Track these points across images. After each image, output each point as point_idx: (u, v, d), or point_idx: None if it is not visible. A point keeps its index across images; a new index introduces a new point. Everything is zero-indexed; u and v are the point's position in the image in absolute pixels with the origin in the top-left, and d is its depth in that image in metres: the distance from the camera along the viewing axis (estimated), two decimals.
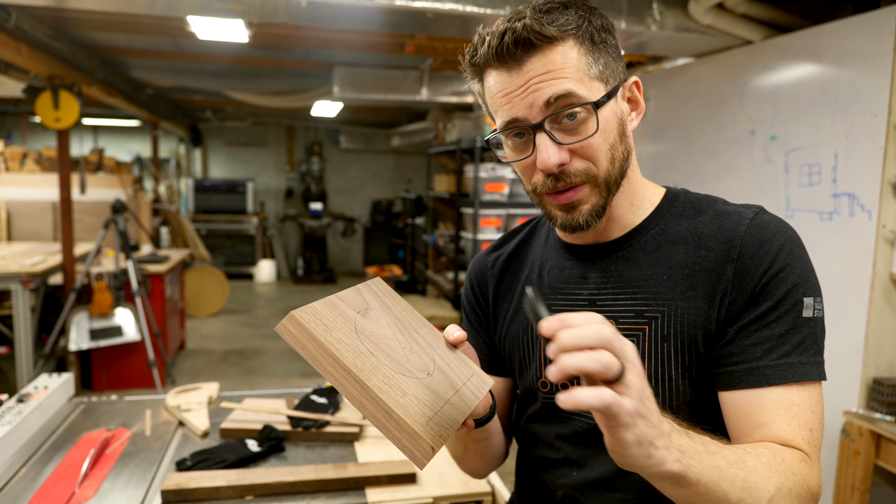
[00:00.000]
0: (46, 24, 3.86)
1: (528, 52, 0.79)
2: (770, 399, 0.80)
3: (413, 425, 0.67)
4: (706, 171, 3.06)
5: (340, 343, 0.71)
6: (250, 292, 8.86)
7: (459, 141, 4.86)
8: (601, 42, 0.82)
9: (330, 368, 0.70)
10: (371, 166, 10.84)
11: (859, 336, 2.25)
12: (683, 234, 0.88)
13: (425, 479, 1.47)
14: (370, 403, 0.68)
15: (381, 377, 0.70)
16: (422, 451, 0.67)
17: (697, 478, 0.66)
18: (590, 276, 0.92)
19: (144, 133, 9.56)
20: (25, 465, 1.50)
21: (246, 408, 1.80)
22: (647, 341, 0.86)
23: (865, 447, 2.18)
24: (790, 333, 0.81)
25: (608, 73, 0.83)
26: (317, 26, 3.54)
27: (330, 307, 0.76)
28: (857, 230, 2.27)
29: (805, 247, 0.85)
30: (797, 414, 0.79)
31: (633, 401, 0.59)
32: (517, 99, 0.81)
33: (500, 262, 1.06)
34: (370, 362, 0.71)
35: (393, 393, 0.69)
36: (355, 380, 0.69)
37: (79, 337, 4.31)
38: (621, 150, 0.85)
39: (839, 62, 2.35)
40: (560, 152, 0.81)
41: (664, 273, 0.86)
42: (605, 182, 0.84)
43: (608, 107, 0.82)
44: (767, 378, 0.80)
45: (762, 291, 0.81)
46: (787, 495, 0.73)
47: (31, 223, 6.02)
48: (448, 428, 0.71)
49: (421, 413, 0.69)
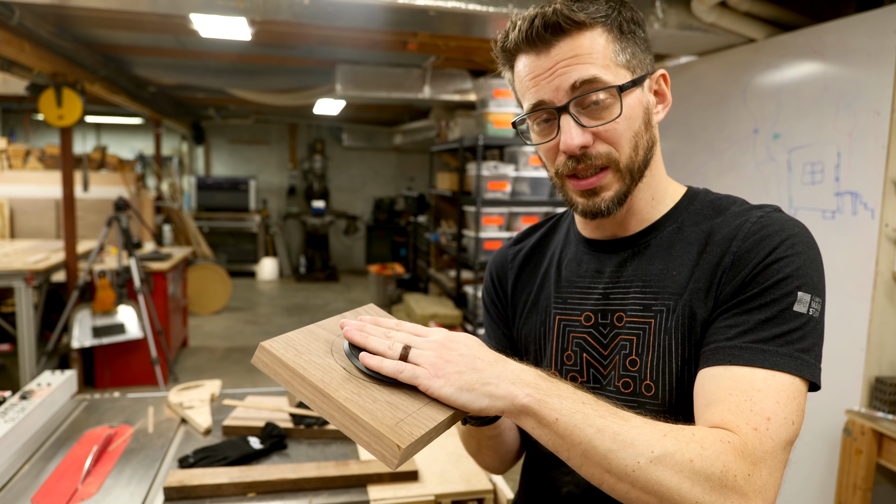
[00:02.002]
0: (50, 22, 3.86)
1: (556, 36, 0.81)
2: (728, 378, 0.75)
3: (378, 427, 0.69)
4: (709, 169, 3.06)
5: (310, 364, 0.75)
6: (253, 290, 8.88)
7: (462, 139, 4.86)
8: (629, 32, 0.84)
9: (300, 388, 0.74)
10: (373, 164, 10.84)
11: (861, 335, 2.25)
12: (698, 234, 0.88)
13: (427, 476, 1.48)
14: (338, 414, 0.72)
15: (349, 389, 0.74)
16: (389, 450, 0.68)
17: (555, 416, 0.69)
18: (605, 271, 0.93)
19: (147, 131, 9.57)
20: (29, 461, 1.50)
21: (248, 405, 1.80)
22: (652, 334, 0.86)
23: (867, 446, 2.18)
24: (772, 322, 0.76)
25: (635, 62, 0.84)
26: (319, 24, 3.54)
27: (305, 334, 0.81)
28: (859, 229, 2.27)
29: (815, 246, 0.82)
30: (753, 399, 0.72)
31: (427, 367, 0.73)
32: (544, 82, 0.83)
33: (520, 255, 1.08)
34: (339, 376, 0.75)
35: (360, 401, 0.72)
36: (322, 394, 0.72)
37: (81, 334, 4.32)
38: (646, 139, 0.86)
39: (842, 60, 2.34)
40: (584, 134, 0.82)
41: (674, 269, 0.87)
42: (627, 168, 0.85)
43: (633, 94, 0.84)
44: (733, 357, 0.76)
45: (752, 280, 0.79)
46: (679, 464, 0.66)
47: (34, 220, 6.04)
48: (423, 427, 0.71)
49: (391, 416, 0.71)
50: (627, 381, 0.88)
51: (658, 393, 0.85)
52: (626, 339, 0.88)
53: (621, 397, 0.88)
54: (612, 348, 0.90)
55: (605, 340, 0.91)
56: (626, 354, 0.88)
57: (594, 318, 0.92)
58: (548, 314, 0.98)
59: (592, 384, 0.92)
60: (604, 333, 0.91)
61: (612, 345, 0.90)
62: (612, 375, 0.89)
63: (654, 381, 0.85)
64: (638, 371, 0.87)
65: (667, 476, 0.67)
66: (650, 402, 0.86)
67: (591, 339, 0.92)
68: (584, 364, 0.93)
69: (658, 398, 0.85)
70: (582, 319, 0.93)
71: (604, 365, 0.91)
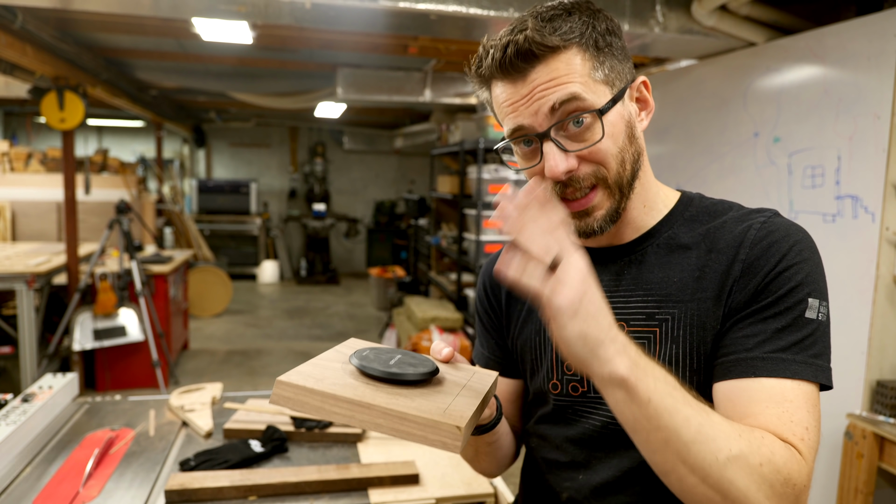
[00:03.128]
0: (52, 26, 3.87)
1: (531, 63, 0.80)
2: (759, 391, 0.76)
3: (432, 416, 0.70)
4: (709, 173, 3.06)
5: (335, 385, 0.75)
6: (253, 293, 8.88)
7: (463, 142, 4.87)
8: (606, 46, 0.82)
9: (335, 409, 0.73)
10: (374, 167, 10.85)
11: (862, 338, 2.25)
12: (696, 239, 0.87)
13: (428, 479, 1.48)
14: (384, 419, 0.71)
15: (383, 397, 0.74)
16: (449, 435, 0.69)
17: (648, 395, 0.66)
18: (602, 279, 0.92)
19: (148, 134, 9.58)
20: (30, 464, 1.50)
21: (249, 408, 1.80)
22: (658, 343, 0.85)
23: (869, 450, 2.18)
24: (788, 331, 0.78)
25: (613, 76, 0.83)
26: (321, 28, 3.54)
27: (313, 366, 0.80)
28: (860, 232, 2.27)
29: (818, 251, 0.83)
30: (789, 410, 0.74)
31: (563, 298, 0.62)
32: (522, 108, 0.81)
33: None
34: (369, 390, 0.75)
35: (400, 403, 0.72)
36: (361, 406, 0.72)
37: (83, 337, 4.33)
38: (631, 152, 0.85)
39: (842, 64, 2.35)
40: (568, 159, 0.81)
41: (675, 276, 0.86)
42: (616, 185, 0.84)
43: (615, 110, 0.82)
44: (756, 369, 0.77)
45: (765, 289, 0.79)
46: (751, 467, 0.67)
47: (35, 223, 6.04)
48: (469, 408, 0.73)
49: (434, 407, 0.72)
50: None
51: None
52: None
53: None
54: None
55: None
56: None
57: None
58: (543, 324, 0.97)
59: (594, 394, 0.92)
60: None
61: None
62: None
63: None
64: None
65: (738, 476, 0.67)
66: None
67: None
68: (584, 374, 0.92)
69: None
70: None
71: None
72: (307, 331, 6.83)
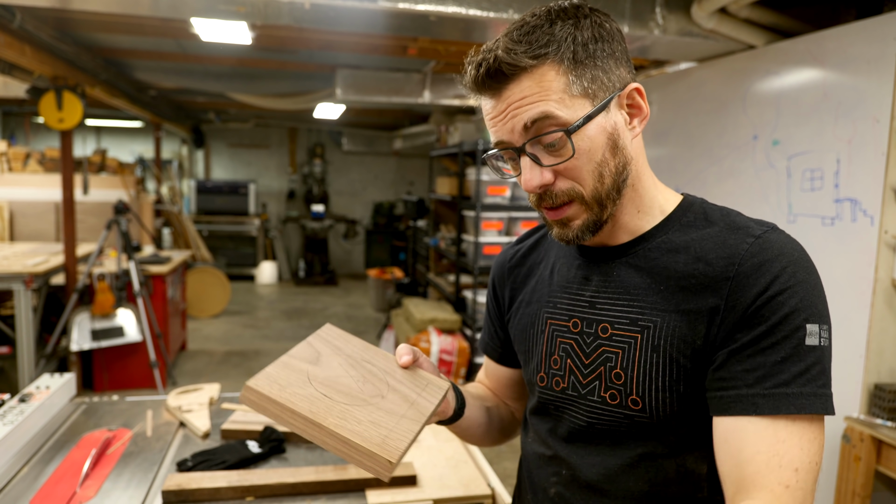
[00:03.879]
0: (51, 25, 3.87)
1: (502, 82, 0.80)
2: (754, 433, 0.75)
3: (369, 447, 0.77)
4: (708, 176, 3.06)
5: (295, 396, 0.81)
6: (252, 294, 8.87)
7: (461, 144, 4.87)
8: (587, 57, 0.80)
9: (291, 420, 0.79)
10: (373, 168, 10.85)
11: (861, 341, 2.25)
12: (687, 245, 0.86)
13: (426, 481, 1.47)
14: (331, 439, 0.78)
15: (336, 414, 0.80)
16: (382, 466, 0.76)
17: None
18: (592, 278, 0.92)
19: (147, 134, 9.58)
20: (27, 464, 1.50)
21: (247, 409, 1.80)
22: (639, 349, 0.85)
23: (866, 453, 2.18)
24: (789, 362, 0.76)
25: (595, 87, 0.81)
26: (320, 29, 3.55)
27: (282, 367, 0.86)
28: (859, 235, 2.27)
29: (815, 271, 0.80)
30: (780, 452, 0.74)
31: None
32: (500, 124, 0.83)
33: (518, 256, 1.09)
34: (324, 404, 0.81)
35: (348, 425, 0.79)
36: (313, 423, 0.78)
37: (80, 337, 4.32)
38: (613, 165, 0.83)
39: (842, 67, 2.35)
40: (543, 174, 0.82)
41: (662, 283, 0.85)
42: (593, 199, 0.84)
43: (593, 124, 0.81)
44: (757, 407, 0.75)
45: (756, 314, 0.77)
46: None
47: (33, 223, 6.03)
48: (405, 439, 0.80)
49: (376, 434, 0.79)
50: (614, 392, 0.87)
51: (646, 408, 0.85)
52: (612, 351, 0.87)
53: (608, 408, 0.88)
54: (595, 358, 0.89)
55: (588, 349, 0.90)
56: (611, 367, 0.87)
57: (581, 325, 0.92)
58: (538, 316, 0.99)
59: (571, 391, 0.93)
60: (587, 342, 0.91)
61: (595, 354, 0.89)
62: (597, 386, 0.89)
63: (640, 397, 0.85)
64: (623, 385, 0.86)
65: None
66: (638, 415, 0.86)
67: (576, 346, 0.92)
68: (567, 370, 0.93)
69: (647, 412, 0.85)
70: (570, 325, 0.93)
71: (584, 374, 0.91)
72: (305, 332, 6.82)
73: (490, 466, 1.60)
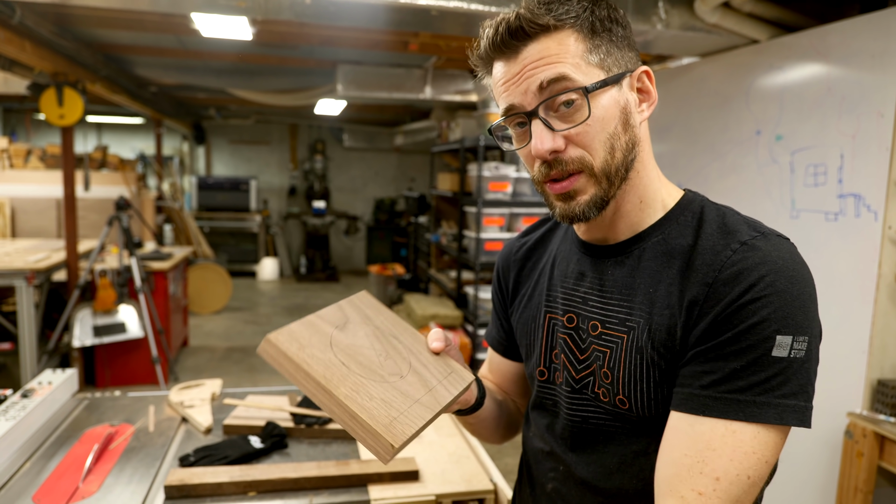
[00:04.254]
0: (51, 21, 3.86)
1: (522, 41, 0.80)
2: (690, 434, 0.76)
3: (375, 426, 0.74)
4: (711, 171, 3.05)
5: (312, 358, 0.79)
6: (253, 290, 8.87)
7: (463, 139, 4.86)
8: (604, 31, 0.81)
9: (303, 382, 0.77)
10: (374, 165, 10.84)
11: (864, 337, 2.24)
12: (681, 248, 0.84)
13: (428, 476, 1.47)
14: (339, 409, 0.76)
15: (349, 385, 0.78)
16: (384, 448, 0.74)
17: None
18: (587, 275, 0.92)
19: (148, 130, 9.57)
20: (30, 459, 1.50)
21: (249, 404, 1.80)
22: (624, 350, 0.84)
23: (869, 449, 2.18)
24: (748, 371, 0.74)
25: (610, 61, 0.81)
26: (321, 24, 3.54)
27: (307, 326, 0.83)
28: (862, 231, 2.26)
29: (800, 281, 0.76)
30: (705, 459, 0.73)
31: None
32: (513, 86, 0.82)
33: (524, 249, 1.09)
34: (340, 373, 0.79)
35: (359, 398, 0.76)
36: (324, 390, 0.76)
37: (82, 333, 4.32)
38: (624, 141, 0.83)
39: (846, 62, 2.34)
40: (555, 139, 0.81)
41: (651, 285, 0.84)
42: (602, 172, 0.82)
43: (608, 94, 0.81)
44: (704, 407, 0.75)
45: (726, 321, 0.76)
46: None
47: (35, 220, 6.03)
48: (413, 425, 0.77)
49: (385, 414, 0.76)
50: (605, 390, 0.88)
51: (633, 408, 0.85)
52: (601, 350, 0.87)
53: (601, 405, 0.89)
54: (589, 355, 0.89)
55: (583, 346, 0.90)
56: (600, 366, 0.88)
57: (576, 320, 0.92)
58: (539, 310, 0.99)
59: (565, 386, 0.93)
60: (582, 339, 0.91)
61: (588, 351, 0.89)
62: (590, 382, 0.89)
63: (626, 397, 0.85)
64: (611, 384, 0.86)
65: None
66: (627, 414, 0.86)
67: (570, 342, 0.92)
68: (563, 365, 0.93)
69: (634, 412, 0.85)
70: (565, 320, 0.93)
71: (578, 370, 0.91)
72: None
73: (492, 462, 1.59)
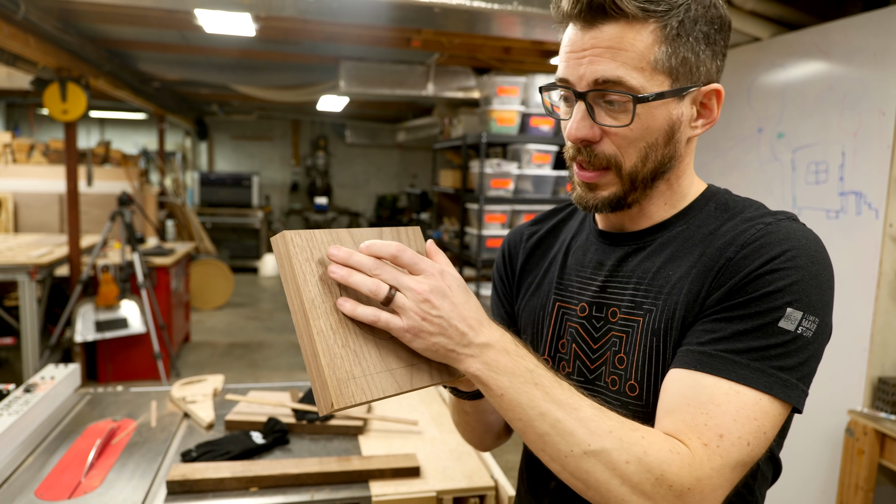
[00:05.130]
0: (54, 17, 3.87)
1: (599, 19, 0.76)
2: (691, 387, 0.73)
3: (327, 376, 0.68)
4: (712, 168, 3.05)
5: (311, 275, 0.71)
6: (255, 286, 8.89)
7: (465, 136, 4.86)
8: (689, 35, 0.76)
9: (293, 293, 0.72)
10: (376, 161, 10.84)
11: (865, 335, 2.25)
12: (703, 236, 0.84)
13: (429, 472, 1.48)
14: (307, 340, 0.70)
15: (331, 322, 0.71)
16: (325, 401, 0.69)
17: (501, 391, 0.72)
18: (606, 263, 0.91)
19: (151, 126, 9.58)
20: (32, 454, 1.51)
21: (251, 400, 1.81)
22: (640, 332, 0.84)
23: (870, 446, 2.18)
24: (751, 335, 0.73)
25: (683, 70, 0.77)
26: (324, 20, 3.54)
27: (332, 237, 0.75)
28: (863, 228, 2.26)
29: (821, 262, 0.76)
30: (710, 413, 0.71)
31: (406, 320, 0.71)
32: (573, 62, 0.79)
33: (535, 237, 1.07)
34: (330, 305, 0.72)
35: (330, 340, 0.70)
36: (304, 315, 0.70)
37: (84, 328, 4.33)
38: (661, 153, 0.81)
39: (847, 60, 2.34)
40: (592, 129, 0.80)
41: (671, 269, 0.84)
42: (629, 176, 0.82)
43: (660, 104, 0.78)
44: (700, 363, 0.73)
45: (740, 289, 0.75)
46: (612, 463, 0.69)
47: (37, 215, 6.04)
48: (369, 394, 0.71)
49: (347, 369, 0.70)
50: (615, 378, 0.87)
51: (642, 394, 0.83)
52: (617, 335, 0.87)
53: (610, 394, 0.87)
54: (604, 343, 0.88)
55: (597, 334, 0.89)
56: (615, 351, 0.87)
57: (589, 309, 0.91)
58: (548, 299, 0.97)
59: (577, 377, 0.91)
60: (596, 327, 0.89)
61: (604, 339, 0.88)
62: (603, 371, 0.88)
63: (638, 382, 0.84)
64: (624, 369, 0.85)
65: (596, 469, 0.70)
66: (633, 403, 0.84)
67: (582, 331, 0.91)
68: (573, 355, 0.92)
69: (642, 399, 0.83)
70: (578, 310, 0.92)
71: (591, 359, 0.90)
72: None
73: (493, 458, 1.60)
